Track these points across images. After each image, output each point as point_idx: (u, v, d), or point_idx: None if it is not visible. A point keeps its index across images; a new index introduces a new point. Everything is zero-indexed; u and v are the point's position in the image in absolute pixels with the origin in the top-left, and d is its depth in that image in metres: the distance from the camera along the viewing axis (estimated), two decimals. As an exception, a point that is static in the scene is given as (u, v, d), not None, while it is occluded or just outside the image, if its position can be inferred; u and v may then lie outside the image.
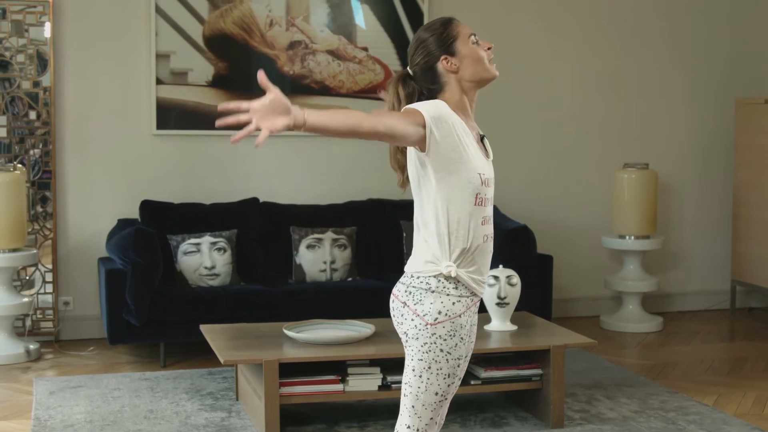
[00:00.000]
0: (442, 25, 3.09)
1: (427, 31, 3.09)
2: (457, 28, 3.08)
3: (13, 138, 6.83)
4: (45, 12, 6.78)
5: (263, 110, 2.65)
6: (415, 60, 3.07)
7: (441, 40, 3.05)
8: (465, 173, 2.95)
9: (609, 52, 7.91)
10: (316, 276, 6.73)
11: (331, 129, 2.72)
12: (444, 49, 3.05)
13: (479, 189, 2.98)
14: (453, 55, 3.04)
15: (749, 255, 7.74)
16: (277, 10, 7.16)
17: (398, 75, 3.10)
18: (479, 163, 2.99)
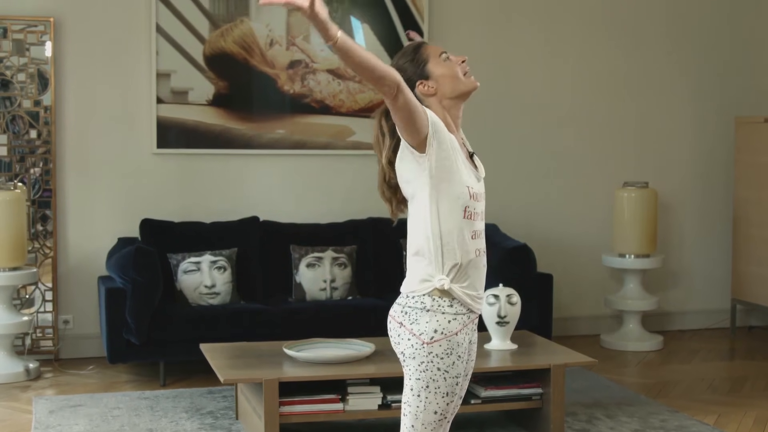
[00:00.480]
0: (412, 52, 3.12)
1: (399, 59, 3.12)
2: (426, 51, 3.11)
3: (14, 157, 6.84)
4: (46, 31, 6.80)
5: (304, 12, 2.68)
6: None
7: (414, 67, 3.09)
8: (454, 185, 2.97)
9: (610, 69, 7.92)
10: (316, 295, 6.73)
11: (355, 56, 2.74)
12: (418, 74, 3.08)
13: (468, 202, 2.99)
14: (428, 78, 3.07)
15: (749, 274, 7.74)
16: (277, 29, 7.18)
17: (381, 108, 3.12)
18: (468, 177, 3.01)
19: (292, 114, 7.26)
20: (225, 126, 7.13)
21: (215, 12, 7.07)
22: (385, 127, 3.09)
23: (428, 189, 2.96)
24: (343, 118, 7.33)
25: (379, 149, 3.10)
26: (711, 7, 8.12)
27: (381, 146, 3.09)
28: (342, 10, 7.28)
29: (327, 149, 7.35)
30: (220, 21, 7.09)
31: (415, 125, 2.90)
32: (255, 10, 7.13)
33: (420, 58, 3.09)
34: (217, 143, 7.13)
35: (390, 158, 3.06)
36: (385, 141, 3.07)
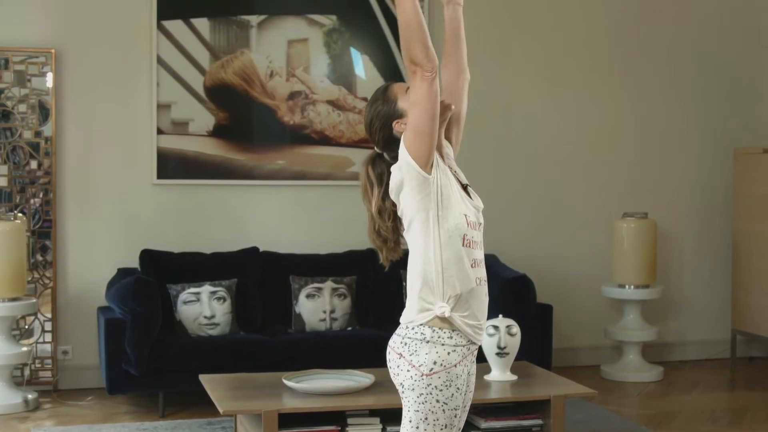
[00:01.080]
0: (381, 95, 3.16)
1: (371, 105, 3.16)
2: (393, 90, 3.14)
3: (15, 187, 6.85)
4: (47, 62, 6.83)
5: None
6: (375, 137, 3.15)
7: (386, 107, 3.12)
8: (452, 213, 2.99)
9: (610, 101, 7.95)
10: (316, 325, 6.73)
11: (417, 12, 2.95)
12: (391, 114, 3.10)
13: (466, 230, 3.01)
14: (402, 116, 3.09)
15: (749, 304, 7.73)
16: (277, 61, 7.21)
17: (368, 157, 3.17)
18: (464, 206, 3.03)
19: (292, 145, 7.28)
20: (225, 157, 7.14)
21: (216, 44, 7.11)
22: (372, 176, 3.12)
23: (428, 216, 2.97)
24: (343, 149, 7.35)
25: (367, 198, 3.13)
26: (709, 39, 8.15)
27: (369, 195, 3.12)
28: (342, 41, 7.32)
29: (327, 180, 7.36)
30: (220, 52, 7.12)
31: (435, 123, 2.93)
32: (255, 42, 7.16)
33: (389, 98, 3.12)
34: (217, 174, 7.14)
35: (379, 207, 3.09)
36: (374, 190, 3.11)
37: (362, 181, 3.15)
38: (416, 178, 2.96)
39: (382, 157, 3.16)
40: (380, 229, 3.12)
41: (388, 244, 3.13)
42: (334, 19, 7.32)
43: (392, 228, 3.12)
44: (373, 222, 3.13)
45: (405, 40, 2.93)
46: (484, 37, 7.61)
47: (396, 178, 3.00)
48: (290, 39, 7.26)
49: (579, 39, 7.88)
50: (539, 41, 7.80)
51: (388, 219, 3.11)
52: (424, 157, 2.94)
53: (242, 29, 7.16)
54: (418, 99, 2.93)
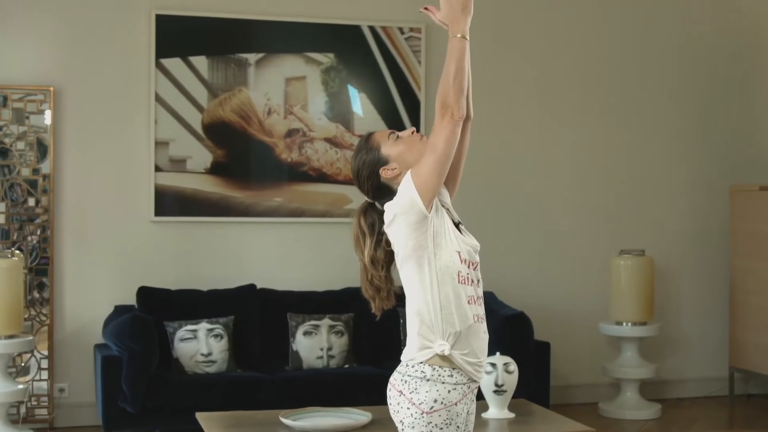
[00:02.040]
0: (363, 145, 3.20)
1: (356, 156, 3.20)
2: (375, 138, 3.18)
3: (12, 224, 6.85)
4: (46, 100, 6.86)
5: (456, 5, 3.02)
6: (364, 187, 3.19)
7: (371, 156, 3.15)
8: (444, 250, 3.00)
9: (606, 138, 7.98)
10: (313, 363, 6.71)
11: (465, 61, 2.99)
12: (377, 162, 3.13)
13: (459, 267, 3.01)
14: (387, 162, 3.12)
15: (747, 342, 7.72)
16: (275, 98, 7.24)
17: (360, 208, 3.21)
18: (455, 243, 3.03)
19: (290, 182, 7.30)
20: (223, 194, 7.16)
21: (214, 81, 7.14)
22: (364, 226, 3.14)
23: (423, 254, 2.98)
24: (341, 186, 7.37)
25: (360, 248, 3.15)
26: (705, 77, 8.19)
27: (362, 245, 3.14)
28: (340, 79, 7.35)
29: (324, 217, 7.37)
30: (218, 90, 7.15)
31: (448, 165, 2.97)
32: (253, 80, 7.20)
33: (372, 146, 3.16)
34: (214, 211, 7.15)
35: (372, 257, 3.11)
36: (366, 239, 3.13)
37: (354, 231, 3.17)
38: (416, 215, 2.97)
39: (374, 206, 3.18)
40: (373, 278, 3.13)
41: (381, 294, 3.14)
42: (331, 57, 7.36)
43: (385, 278, 3.13)
44: (366, 272, 3.14)
45: (445, 84, 2.95)
46: (481, 74, 7.63)
47: (389, 215, 3.01)
48: (288, 77, 7.29)
49: (577, 77, 7.91)
50: (537, 79, 7.83)
51: (381, 269, 3.12)
52: (430, 194, 2.96)
53: (240, 67, 7.19)
54: (439, 138, 2.95)
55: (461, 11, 3.00)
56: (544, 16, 7.85)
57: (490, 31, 7.69)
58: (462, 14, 3.00)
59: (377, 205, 3.17)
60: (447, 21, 3.02)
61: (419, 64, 7.47)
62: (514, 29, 7.79)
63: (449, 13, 3.01)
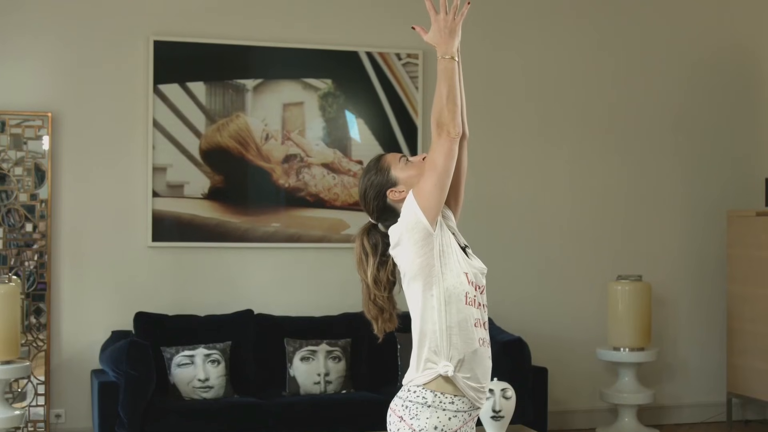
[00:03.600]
0: (374, 165, 3.21)
1: (365, 176, 3.21)
2: (386, 160, 3.20)
3: (10, 250, 6.85)
4: (44, 125, 6.87)
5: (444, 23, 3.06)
6: (370, 207, 3.19)
7: (380, 177, 3.16)
8: (451, 270, 3.01)
9: (602, 166, 7.99)
10: (310, 388, 6.70)
11: (456, 81, 3.02)
12: (385, 183, 3.15)
13: (467, 288, 3.02)
14: (395, 184, 3.14)
15: (744, 367, 7.72)
16: (273, 124, 7.26)
17: (362, 228, 3.21)
18: (463, 264, 3.04)
19: (287, 207, 7.30)
20: (220, 219, 7.16)
21: (211, 107, 7.16)
22: (367, 246, 3.15)
23: (430, 273, 2.99)
24: (338, 211, 7.38)
25: (362, 268, 3.15)
26: (702, 103, 8.22)
27: (365, 265, 3.14)
28: (337, 105, 7.37)
29: (321, 242, 7.37)
30: (216, 116, 7.17)
31: (449, 181, 3.00)
32: (251, 106, 7.22)
33: (382, 168, 3.17)
34: (212, 236, 7.16)
35: (375, 277, 3.12)
36: (369, 260, 3.13)
37: (357, 251, 3.18)
38: (421, 232, 2.97)
39: (377, 227, 3.19)
40: (376, 298, 3.13)
41: (384, 315, 3.14)
42: (329, 83, 7.38)
43: (388, 298, 3.13)
44: (369, 292, 3.14)
45: (439, 104, 2.99)
46: (479, 99, 7.67)
47: (395, 237, 3.02)
48: (285, 102, 7.31)
49: (574, 103, 7.94)
50: (534, 104, 7.85)
51: (383, 289, 3.13)
52: (433, 211, 2.97)
53: (238, 93, 7.21)
54: (437, 155, 2.98)
55: (449, 34, 3.05)
56: (542, 43, 7.88)
57: (489, 59, 7.72)
58: (450, 37, 3.05)
59: (380, 227, 3.18)
60: (435, 43, 3.07)
61: (416, 89, 7.49)
62: (513, 56, 7.82)
63: (437, 36, 3.06)
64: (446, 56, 3.03)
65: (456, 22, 3.06)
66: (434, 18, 3.07)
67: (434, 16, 3.07)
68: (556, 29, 7.92)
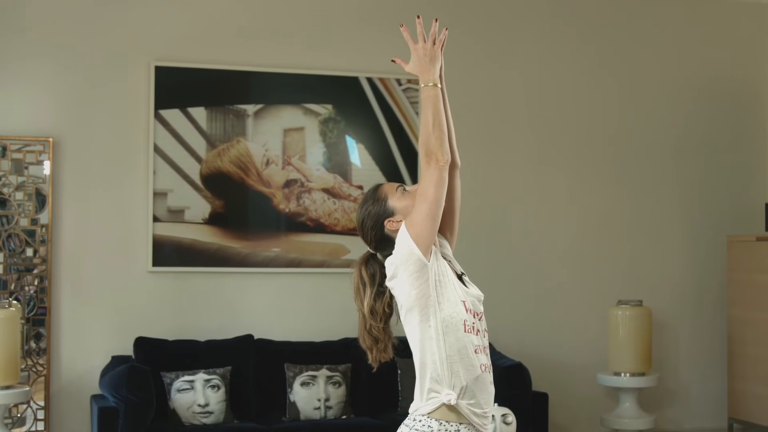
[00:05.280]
0: (371, 195, 3.21)
1: (362, 206, 3.21)
2: (383, 190, 3.20)
3: (10, 275, 6.85)
4: (45, 150, 6.88)
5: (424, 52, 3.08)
6: (368, 237, 3.19)
7: (377, 207, 3.16)
8: (448, 299, 3.01)
9: (602, 191, 8.01)
10: (311, 414, 6.68)
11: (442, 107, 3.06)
12: (383, 213, 3.15)
13: (464, 316, 3.02)
14: (393, 214, 3.14)
15: (745, 393, 7.70)
16: (273, 149, 7.28)
17: (361, 258, 3.21)
18: (460, 292, 3.03)
19: (288, 232, 7.31)
20: (220, 244, 7.17)
21: (212, 132, 7.17)
22: (365, 276, 3.15)
23: (427, 303, 2.99)
24: (338, 236, 7.38)
25: (360, 298, 3.16)
26: (702, 129, 8.24)
27: (362, 295, 3.15)
28: (338, 130, 7.39)
29: (322, 267, 7.37)
30: (217, 141, 7.18)
31: (440, 210, 2.98)
32: (251, 131, 7.23)
33: (379, 198, 3.17)
34: (212, 261, 7.16)
35: (371, 307, 3.12)
36: (366, 290, 3.13)
37: (355, 281, 3.18)
38: (415, 264, 2.97)
39: (375, 257, 3.19)
40: (372, 328, 3.13)
41: (379, 345, 3.14)
42: (329, 108, 7.40)
43: (383, 329, 3.13)
44: (365, 321, 3.14)
45: (425, 132, 3.00)
46: (480, 123, 7.70)
47: (390, 269, 3.03)
48: (286, 128, 7.33)
49: (573, 129, 7.96)
50: (535, 129, 7.87)
51: (380, 320, 3.13)
52: (426, 241, 2.97)
53: (238, 118, 7.23)
54: (427, 185, 2.97)
55: (429, 62, 3.06)
56: (544, 69, 7.91)
57: (490, 83, 7.75)
58: (431, 64, 3.06)
59: (379, 257, 3.18)
60: (416, 72, 3.09)
61: (417, 115, 7.51)
62: (515, 81, 7.85)
63: (418, 64, 3.08)
64: (429, 84, 3.04)
65: (435, 49, 3.06)
66: (413, 47, 3.08)
67: (413, 46, 3.09)
68: (558, 55, 7.95)
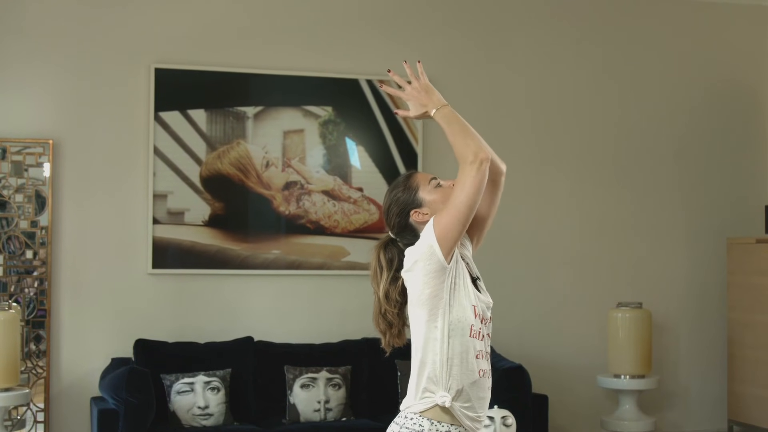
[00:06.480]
0: (403, 182, 3.19)
1: (392, 191, 3.19)
2: (416, 179, 3.17)
3: (10, 277, 6.85)
4: (45, 153, 6.88)
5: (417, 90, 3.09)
6: (391, 222, 3.17)
7: (406, 195, 3.14)
8: (459, 303, 3.00)
9: (602, 193, 8.00)
10: (310, 416, 6.68)
11: (466, 126, 3.03)
12: (411, 203, 3.13)
13: (473, 321, 3.01)
14: (420, 205, 3.12)
15: (745, 395, 7.70)
16: (273, 151, 7.28)
17: (380, 241, 3.19)
18: (472, 297, 3.03)
19: (287, 234, 7.31)
20: (220, 246, 7.17)
21: (212, 134, 7.18)
22: (383, 260, 3.13)
23: (437, 304, 2.98)
24: (338, 238, 7.38)
25: (376, 281, 3.14)
26: (702, 131, 8.24)
27: (378, 278, 3.13)
28: (338, 132, 7.39)
29: (322, 269, 7.37)
30: (216, 143, 7.18)
31: (472, 213, 2.96)
32: (251, 133, 7.23)
33: (411, 187, 3.15)
34: (212, 263, 7.16)
35: (386, 291, 3.10)
36: (383, 274, 3.12)
37: (373, 263, 3.16)
38: (435, 264, 2.96)
39: (395, 242, 3.17)
40: (386, 313, 3.12)
41: (393, 330, 3.14)
42: (329, 111, 7.40)
43: (398, 314, 3.12)
44: (380, 305, 3.13)
45: (460, 144, 3.00)
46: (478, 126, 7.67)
47: (409, 261, 3.01)
48: (286, 130, 7.33)
49: (574, 131, 7.96)
50: (535, 131, 7.87)
51: (394, 306, 3.11)
52: (450, 244, 2.95)
53: (238, 120, 7.23)
54: (463, 188, 2.95)
55: (426, 94, 3.08)
56: (545, 72, 7.91)
57: (491, 86, 7.75)
58: (428, 94, 3.08)
59: (399, 243, 3.16)
60: (422, 110, 3.09)
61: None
62: (516, 84, 7.85)
63: (419, 102, 3.08)
64: (439, 107, 3.04)
65: (423, 81, 3.08)
66: (404, 95, 3.10)
67: (403, 94, 3.11)
68: (559, 59, 7.95)
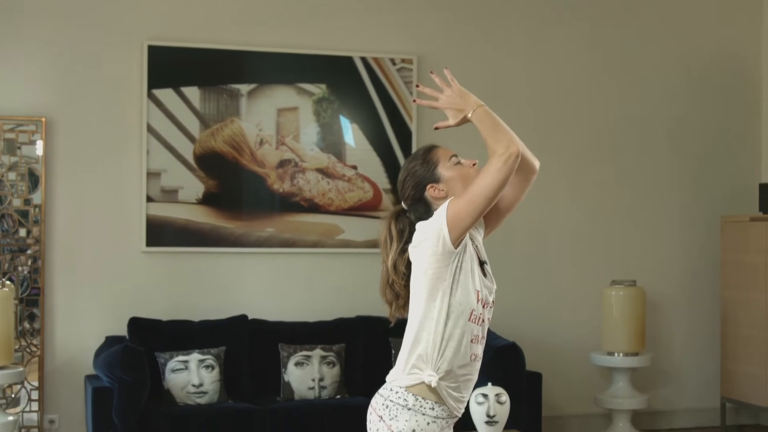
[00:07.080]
0: (423, 155, 3.16)
1: (410, 162, 3.16)
2: (437, 154, 3.15)
3: (3, 255, 6.84)
4: (38, 131, 6.86)
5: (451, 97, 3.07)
6: (405, 194, 3.15)
7: (424, 170, 3.12)
8: (464, 286, 2.99)
9: (596, 172, 8.00)
10: (305, 394, 6.69)
11: (499, 123, 2.99)
12: (429, 177, 3.11)
13: (474, 306, 3.00)
14: (438, 181, 3.10)
15: (738, 372, 7.72)
16: (267, 129, 7.26)
17: (392, 211, 3.18)
18: (478, 282, 3.02)
19: (282, 212, 7.30)
20: (214, 224, 7.15)
21: (206, 112, 7.15)
22: (394, 231, 3.12)
23: (440, 286, 2.97)
24: (332, 216, 7.37)
25: (385, 251, 3.13)
26: (695, 109, 8.24)
27: (388, 249, 3.12)
28: (332, 110, 7.37)
29: (316, 248, 7.37)
30: (210, 121, 7.16)
31: (489, 205, 2.95)
32: (245, 111, 7.21)
33: (430, 161, 3.13)
34: (206, 241, 7.15)
35: (395, 262, 3.09)
36: (393, 244, 3.10)
37: (383, 233, 3.15)
38: (442, 247, 2.95)
39: (406, 213, 3.16)
40: (393, 283, 3.11)
41: (399, 301, 3.13)
42: (323, 88, 7.38)
43: (405, 286, 3.11)
44: (387, 275, 3.12)
45: (492, 141, 2.99)
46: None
47: (418, 238, 3.00)
48: (280, 107, 7.31)
49: (568, 111, 7.95)
50: (531, 109, 7.86)
51: (401, 277, 3.10)
52: (461, 231, 2.94)
53: (232, 98, 7.21)
54: (487, 179, 2.94)
55: (462, 97, 3.04)
56: (540, 52, 7.89)
57: (489, 67, 7.73)
58: (463, 98, 3.04)
59: (410, 215, 3.15)
60: (460, 115, 3.06)
61: (411, 94, 7.49)
62: (512, 64, 7.83)
63: (456, 108, 3.05)
64: (475, 108, 3.01)
65: (456, 87, 3.05)
66: (440, 105, 3.06)
67: (438, 105, 3.07)
68: (554, 38, 7.93)
